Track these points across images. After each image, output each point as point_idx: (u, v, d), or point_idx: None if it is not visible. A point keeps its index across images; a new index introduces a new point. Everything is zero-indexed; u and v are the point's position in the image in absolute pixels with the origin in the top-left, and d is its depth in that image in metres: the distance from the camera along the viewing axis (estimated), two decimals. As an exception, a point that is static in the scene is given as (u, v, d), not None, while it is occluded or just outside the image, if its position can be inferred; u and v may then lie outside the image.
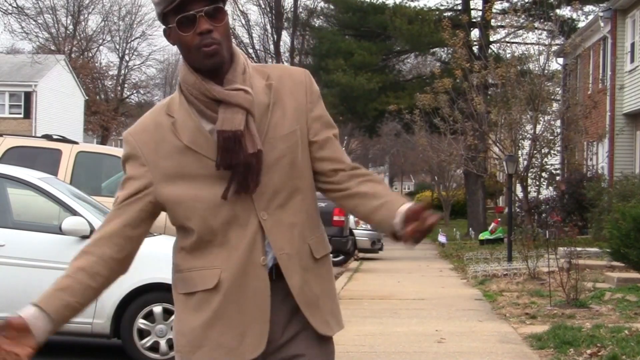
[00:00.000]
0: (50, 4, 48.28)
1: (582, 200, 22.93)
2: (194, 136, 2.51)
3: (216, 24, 2.47)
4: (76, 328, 7.69)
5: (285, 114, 2.57)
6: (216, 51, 2.46)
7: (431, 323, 10.26)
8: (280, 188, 2.54)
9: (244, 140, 2.47)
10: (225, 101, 2.48)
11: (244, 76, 2.54)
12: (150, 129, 2.56)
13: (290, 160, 2.55)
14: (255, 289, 2.52)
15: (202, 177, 2.51)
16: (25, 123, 42.21)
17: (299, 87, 2.62)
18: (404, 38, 33.25)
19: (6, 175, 8.15)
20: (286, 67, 2.70)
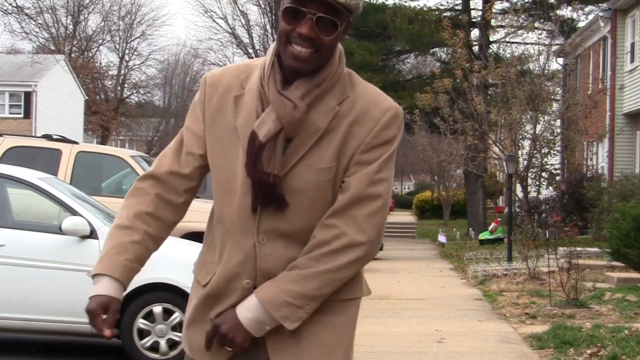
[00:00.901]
0: (50, 4, 48.31)
1: (582, 200, 22.93)
2: (246, 121, 2.36)
3: (323, 35, 2.27)
4: (76, 328, 7.69)
5: (332, 146, 2.32)
6: (305, 59, 2.28)
7: (431, 323, 10.26)
8: (295, 220, 2.35)
9: (264, 155, 2.30)
10: (271, 104, 2.31)
11: (314, 89, 2.31)
12: (221, 89, 2.42)
13: (314, 197, 2.33)
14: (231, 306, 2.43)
15: (234, 165, 2.38)
16: (25, 123, 42.20)
17: (368, 123, 2.33)
18: (404, 38, 33.25)
19: (6, 175, 8.15)
20: (373, 96, 2.39)
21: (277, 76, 2.34)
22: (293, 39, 2.28)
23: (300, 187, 2.34)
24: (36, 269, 7.65)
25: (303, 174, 2.33)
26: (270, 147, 2.30)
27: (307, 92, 2.31)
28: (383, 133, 2.35)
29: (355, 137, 2.33)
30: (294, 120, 2.29)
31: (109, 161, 12.57)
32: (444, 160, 30.52)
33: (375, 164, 2.34)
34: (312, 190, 2.34)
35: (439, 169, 41.53)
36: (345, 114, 2.34)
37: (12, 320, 7.69)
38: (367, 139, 2.33)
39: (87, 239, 7.68)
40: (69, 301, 7.62)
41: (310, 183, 2.33)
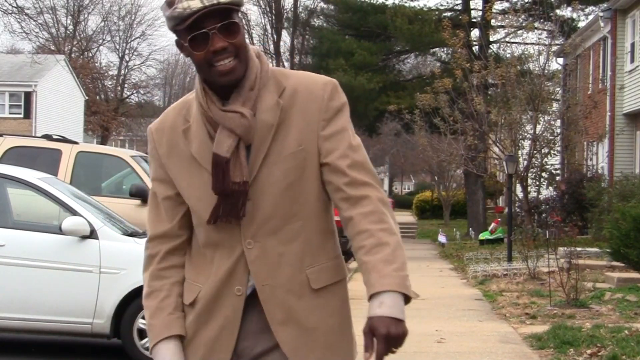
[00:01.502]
0: (50, 4, 48.30)
1: (582, 200, 22.93)
2: (201, 148, 2.45)
3: (231, 40, 2.35)
4: (76, 328, 7.69)
5: (290, 135, 2.42)
6: (232, 69, 2.36)
7: (431, 323, 10.26)
8: (273, 214, 2.42)
9: (230, 168, 2.38)
10: (220, 123, 2.40)
11: (250, 93, 2.40)
12: (166, 130, 2.52)
13: (288, 184, 2.42)
14: (226, 316, 2.47)
15: (202, 191, 2.45)
16: (25, 123, 42.20)
17: (314, 103, 2.44)
18: (404, 38, 33.25)
19: (6, 175, 8.15)
20: (307, 78, 2.49)
21: (214, 98, 2.42)
22: (212, 59, 2.35)
23: (272, 182, 2.42)
24: (36, 269, 7.65)
25: (271, 170, 2.42)
26: (234, 159, 2.39)
27: (245, 99, 2.40)
28: (331, 105, 2.45)
29: (308, 120, 2.43)
30: (246, 127, 2.38)
31: (109, 161, 12.56)
32: (444, 160, 30.51)
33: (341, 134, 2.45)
34: (283, 181, 2.42)
35: (439, 169, 41.53)
36: (290, 103, 2.44)
37: (12, 320, 7.69)
38: (320, 115, 2.43)
39: (87, 239, 7.68)
40: (69, 301, 7.62)
41: (280, 175, 2.42)
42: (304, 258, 2.46)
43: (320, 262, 2.48)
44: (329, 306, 2.49)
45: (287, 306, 2.45)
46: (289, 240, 2.44)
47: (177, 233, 2.55)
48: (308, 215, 2.46)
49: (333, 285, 2.50)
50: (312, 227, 2.47)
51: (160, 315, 2.52)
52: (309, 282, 2.46)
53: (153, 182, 2.58)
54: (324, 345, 2.47)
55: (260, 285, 2.44)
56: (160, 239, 2.55)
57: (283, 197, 2.42)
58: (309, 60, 41.69)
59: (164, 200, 2.54)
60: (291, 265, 2.45)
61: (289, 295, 2.45)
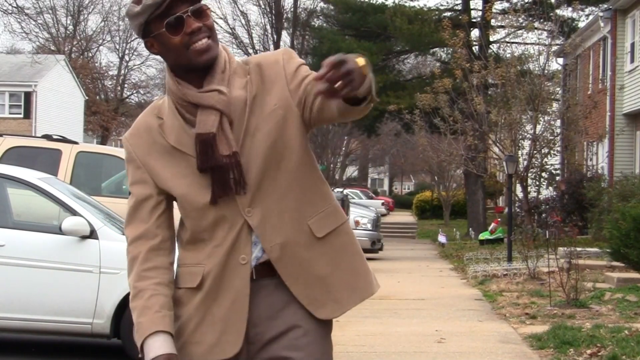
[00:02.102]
0: (50, 4, 48.30)
1: (582, 200, 22.92)
2: (179, 136, 2.54)
3: (204, 21, 2.49)
4: (76, 328, 7.69)
5: (265, 102, 2.54)
6: (208, 47, 2.49)
7: (431, 323, 10.26)
8: (264, 176, 2.52)
9: (217, 143, 2.48)
10: (199, 104, 2.50)
11: (222, 75, 2.54)
12: (141, 132, 2.61)
13: (272, 144, 2.52)
14: (235, 288, 2.52)
15: (190, 178, 2.54)
16: (25, 123, 42.21)
17: (276, 68, 2.58)
18: (404, 38, 33.24)
19: (6, 175, 8.15)
20: (264, 54, 2.66)
21: (186, 87, 2.53)
22: (189, 41, 2.48)
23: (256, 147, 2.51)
24: (36, 269, 7.65)
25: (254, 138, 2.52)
26: (220, 134, 2.49)
27: (219, 80, 2.52)
28: (290, 64, 2.58)
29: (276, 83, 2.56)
30: (226, 102, 2.50)
31: (109, 161, 12.56)
32: (444, 160, 30.52)
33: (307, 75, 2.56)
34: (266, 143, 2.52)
35: (439, 169, 41.55)
36: (257, 78, 2.56)
37: (12, 320, 7.69)
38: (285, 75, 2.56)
39: (87, 239, 7.68)
40: (69, 301, 7.62)
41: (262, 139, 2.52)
42: (302, 210, 2.55)
43: (318, 211, 2.58)
44: (337, 250, 2.59)
45: (298, 260, 2.53)
46: (284, 197, 2.53)
47: (156, 232, 2.59)
48: (296, 167, 2.55)
49: (336, 230, 2.60)
50: (303, 178, 2.57)
51: (148, 313, 2.53)
52: (312, 232, 2.55)
53: (131, 187, 2.64)
54: (340, 287, 2.57)
55: (268, 247, 2.52)
56: (140, 240, 2.59)
57: (269, 158, 2.52)
58: (309, 60, 41.69)
59: (143, 201, 2.60)
60: (292, 219, 2.53)
61: (297, 248, 2.53)
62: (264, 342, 2.53)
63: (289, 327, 2.52)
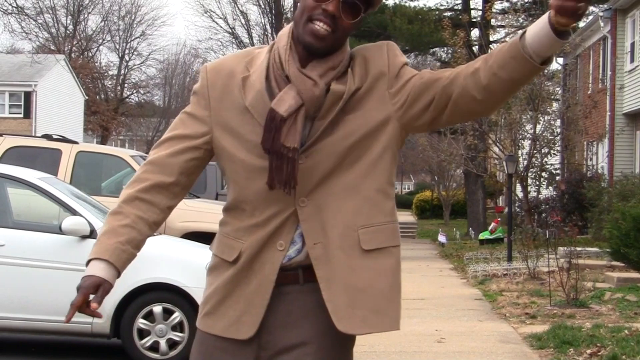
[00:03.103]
0: (50, 4, 48.29)
1: (582, 200, 22.92)
2: (257, 100, 2.42)
3: (345, 17, 2.40)
4: (76, 328, 7.69)
5: (363, 100, 2.43)
6: (324, 36, 2.38)
7: (431, 323, 10.26)
8: (332, 174, 2.41)
9: (284, 129, 2.36)
10: (291, 81, 2.39)
11: (329, 72, 2.42)
12: (224, 73, 2.48)
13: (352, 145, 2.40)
14: (264, 272, 2.44)
15: (251, 144, 2.42)
16: (25, 123, 42.20)
17: (380, 63, 2.48)
18: (404, 38, 33.23)
19: (6, 175, 8.15)
20: (368, 47, 2.54)
21: (295, 56, 2.42)
22: (316, 15, 2.37)
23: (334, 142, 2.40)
24: (36, 269, 7.65)
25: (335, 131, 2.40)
26: (291, 122, 2.37)
27: (324, 73, 2.41)
28: (396, 61, 2.49)
29: (377, 79, 2.46)
30: (313, 96, 2.37)
31: (109, 161, 12.57)
32: (444, 160, 30.53)
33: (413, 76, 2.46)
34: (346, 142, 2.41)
35: (439, 169, 41.52)
36: (360, 71, 2.46)
37: (12, 320, 7.69)
38: (389, 72, 2.47)
39: (87, 239, 7.67)
40: (69, 301, 7.58)
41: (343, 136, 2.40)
42: (357, 217, 2.43)
43: (374, 223, 2.46)
44: (378, 269, 2.45)
45: (337, 264, 2.41)
46: (344, 198, 2.42)
47: (175, 171, 2.49)
48: (367, 174, 2.44)
49: (385, 249, 2.47)
50: (370, 187, 2.45)
51: (112, 238, 2.45)
52: (359, 242, 2.43)
53: (185, 115, 2.52)
54: (370, 308, 2.43)
55: (311, 244, 2.42)
56: (156, 167, 2.50)
57: (344, 157, 2.41)
58: (309, 60, 41.65)
59: (185, 137, 2.49)
60: (344, 223, 2.42)
61: (338, 252, 2.41)
62: (275, 350, 2.46)
63: (301, 341, 2.43)
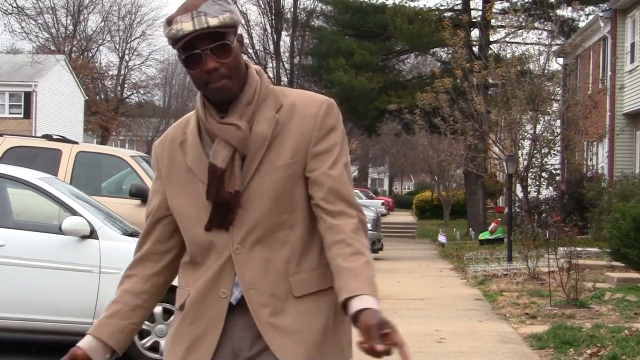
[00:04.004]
0: (50, 4, 48.31)
1: (582, 200, 22.93)
2: (196, 159, 2.56)
3: (223, 60, 2.45)
4: (76, 328, 7.68)
5: (284, 148, 2.52)
6: (224, 86, 2.47)
7: (431, 323, 10.27)
8: (262, 222, 2.51)
9: (225, 178, 2.49)
10: (217, 135, 2.51)
11: (247, 107, 2.51)
12: (167, 144, 2.64)
13: (279, 194, 2.51)
14: (211, 318, 2.55)
15: (196, 200, 2.55)
16: (25, 123, 42.21)
17: (309, 119, 2.54)
18: (404, 38, 33.24)
19: (6, 175, 8.15)
20: (305, 96, 2.59)
21: (212, 111, 2.54)
22: (206, 79, 2.46)
23: (263, 191, 2.51)
24: (36, 269, 7.65)
25: (263, 180, 2.51)
26: (229, 170, 2.49)
27: (242, 113, 2.51)
28: (325, 123, 2.54)
29: (302, 134, 2.52)
30: (241, 139, 2.49)
31: (109, 161, 12.57)
32: (444, 160, 30.53)
33: (329, 152, 2.53)
34: (273, 190, 2.51)
35: (439, 169, 41.54)
36: (287, 119, 2.54)
37: (12, 320, 7.69)
38: (314, 132, 2.53)
39: (87, 239, 7.68)
40: (69, 301, 7.62)
41: (271, 185, 2.51)
42: (288, 265, 2.53)
43: (304, 270, 2.54)
44: (312, 312, 2.54)
45: (272, 309, 2.51)
46: (275, 248, 2.52)
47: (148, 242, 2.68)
48: (296, 224, 2.54)
49: (317, 293, 2.55)
50: (299, 236, 2.54)
51: (102, 316, 2.66)
52: (291, 289, 2.53)
53: (151, 194, 2.70)
54: (311, 346, 2.52)
55: (246, 289, 2.52)
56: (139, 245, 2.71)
57: (272, 206, 2.51)
58: (309, 60, 41.68)
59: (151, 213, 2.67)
60: (276, 271, 2.52)
61: (273, 299, 2.51)
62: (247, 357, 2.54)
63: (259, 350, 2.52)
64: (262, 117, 2.52)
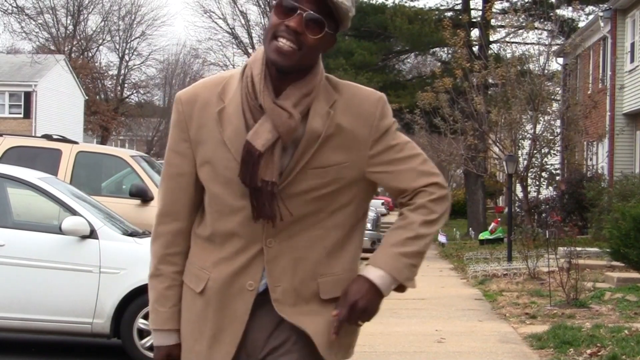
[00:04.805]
0: (50, 4, 48.29)
1: (582, 200, 22.92)
2: (234, 134, 2.41)
3: (309, 33, 2.34)
4: (76, 328, 7.69)
5: (336, 148, 2.41)
6: (288, 53, 2.34)
7: (431, 323, 10.26)
8: (300, 219, 2.42)
9: (261, 164, 2.36)
10: (267, 114, 2.37)
11: (304, 99, 2.38)
12: (198, 105, 2.47)
13: (322, 195, 2.41)
14: (236, 309, 2.48)
15: (225, 178, 2.43)
16: (25, 123, 42.20)
17: (365, 120, 2.44)
18: (404, 38, 33.24)
19: (6, 175, 8.15)
20: (359, 92, 2.48)
21: (269, 85, 2.39)
22: (280, 32, 2.34)
23: (305, 189, 2.41)
24: (36, 269, 7.65)
25: (308, 177, 2.41)
26: (268, 156, 2.36)
27: (298, 102, 2.38)
28: (382, 124, 2.46)
29: (357, 136, 2.43)
30: (289, 128, 2.36)
31: (109, 161, 12.56)
32: (444, 160, 30.50)
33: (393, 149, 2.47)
34: (317, 191, 2.42)
35: (439, 168, 41.33)
36: (341, 116, 2.43)
37: (12, 320, 7.69)
38: (370, 135, 2.44)
39: (87, 239, 7.67)
40: (69, 301, 7.62)
41: (315, 184, 2.41)
42: (318, 266, 2.47)
43: (334, 273, 2.49)
44: None
45: (296, 309, 2.46)
46: (308, 247, 2.45)
47: (184, 213, 2.54)
48: (334, 226, 2.47)
49: None
50: (335, 239, 2.48)
51: (166, 305, 2.56)
52: (319, 291, 2.47)
53: (170, 152, 2.53)
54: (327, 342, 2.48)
55: (272, 285, 2.45)
56: (168, 218, 2.55)
57: (313, 205, 2.43)
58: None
59: (177, 176, 2.52)
60: (305, 271, 2.46)
61: (298, 299, 2.46)
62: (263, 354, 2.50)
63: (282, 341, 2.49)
64: (317, 112, 2.40)
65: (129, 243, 7.78)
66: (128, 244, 7.77)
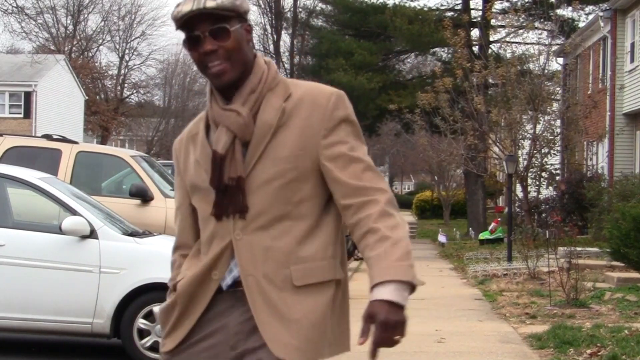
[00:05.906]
0: (50, 4, 48.28)
1: (582, 200, 22.92)
2: (201, 150, 2.60)
3: (221, 43, 2.47)
4: (76, 328, 7.69)
5: (290, 138, 2.51)
6: (222, 71, 2.49)
7: (431, 323, 10.26)
8: (264, 211, 2.51)
9: (226, 164, 2.51)
10: (218, 121, 2.54)
11: (251, 95, 2.52)
12: (184, 138, 2.69)
13: (283, 185, 2.51)
14: (200, 298, 2.60)
15: (204, 191, 2.59)
16: (25, 123, 42.19)
17: (317, 110, 2.53)
18: (404, 38, 33.26)
19: (6, 175, 8.15)
20: (315, 88, 2.59)
21: (218, 98, 2.56)
22: (204, 61, 2.50)
23: (265, 180, 2.51)
24: (36, 268, 7.65)
25: (266, 168, 2.51)
26: (230, 155, 2.51)
27: (245, 100, 2.52)
28: (334, 115, 2.53)
29: (310, 126, 2.52)
30: (240, 125, 2.50)
31: (109, 161, 12.55)
32: (444, 160, 30.55)
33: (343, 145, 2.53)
34: (276, 180, 2.51)
35: (439, 169, 41.51)
36: (295, 109, 2.54)
37: (12, 320, 7.69)
38: (322, 124, 2.52)
39: (87, 239, 7.67)
40: (69, 301, 7.62)
41: (274, 175, 2.51)
42: (290, 255, 2.52)
43: (306, 260, 2.54)
44: (311, 302, 2.53)
45: (268, 297, 2.51)
46: (277, 237, 2.52)
47: (189, 242, 2.72)
48: (301, 216, 2.54)
49: (319, 285, 2.55)
50: (304, 229, 2.54)
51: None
52: (292, 278, 2.52)
53: (174, 189, 2.79)
54: (304, 337, 2.51)
55: (244, 275, 2.53)
56: (178, 250, 2.77)
57: (276, 196, 2.52)
58: (309, 60, 41.68)
59: (179, 208, 2.73)
60: (276, 260, 2.52)
61: (270, 286, 2.51)
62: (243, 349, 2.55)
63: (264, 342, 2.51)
64: (269, 106, 2.53)
65: (129, 243, 7.78)
66: (128, 244, 7.77)
